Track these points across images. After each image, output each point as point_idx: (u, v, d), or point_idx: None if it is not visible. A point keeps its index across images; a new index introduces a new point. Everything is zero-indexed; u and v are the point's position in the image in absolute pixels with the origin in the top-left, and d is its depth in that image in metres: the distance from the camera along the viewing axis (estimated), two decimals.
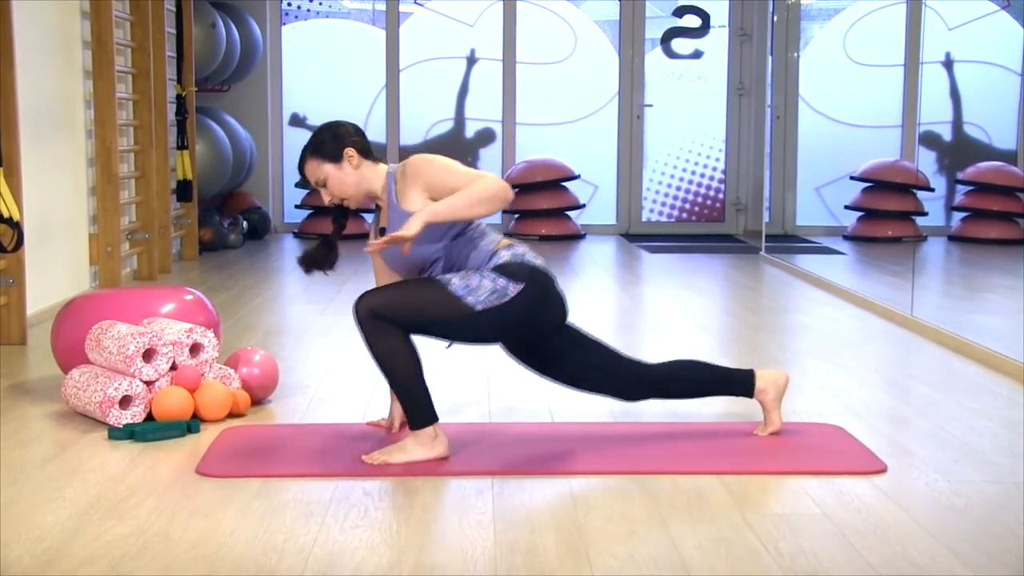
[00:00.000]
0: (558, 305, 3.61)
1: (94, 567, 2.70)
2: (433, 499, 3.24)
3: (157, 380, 3.96)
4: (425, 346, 3.54)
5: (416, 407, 3.51)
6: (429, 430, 3.52)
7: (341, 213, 3.71)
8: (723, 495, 3.24)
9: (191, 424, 3.85)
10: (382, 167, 3.65)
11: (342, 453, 3.62)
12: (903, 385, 4.74)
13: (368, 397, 4.34)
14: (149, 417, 3.91)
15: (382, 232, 3.62)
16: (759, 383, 3.77)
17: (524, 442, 3.77)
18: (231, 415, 4.03)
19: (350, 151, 3.60)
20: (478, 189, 3.40)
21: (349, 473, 3.40)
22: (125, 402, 3.88)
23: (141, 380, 3.92)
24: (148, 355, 3.95)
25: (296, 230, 10.16)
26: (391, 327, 3.42)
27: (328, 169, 3.60)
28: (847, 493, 3.25)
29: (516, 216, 10.17)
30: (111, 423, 3.83)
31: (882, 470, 3.45)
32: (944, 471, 3.46)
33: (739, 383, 3.79)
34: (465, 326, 3.49)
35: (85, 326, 4.21)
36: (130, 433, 3.76)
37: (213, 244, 9.01)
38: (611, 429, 3.94)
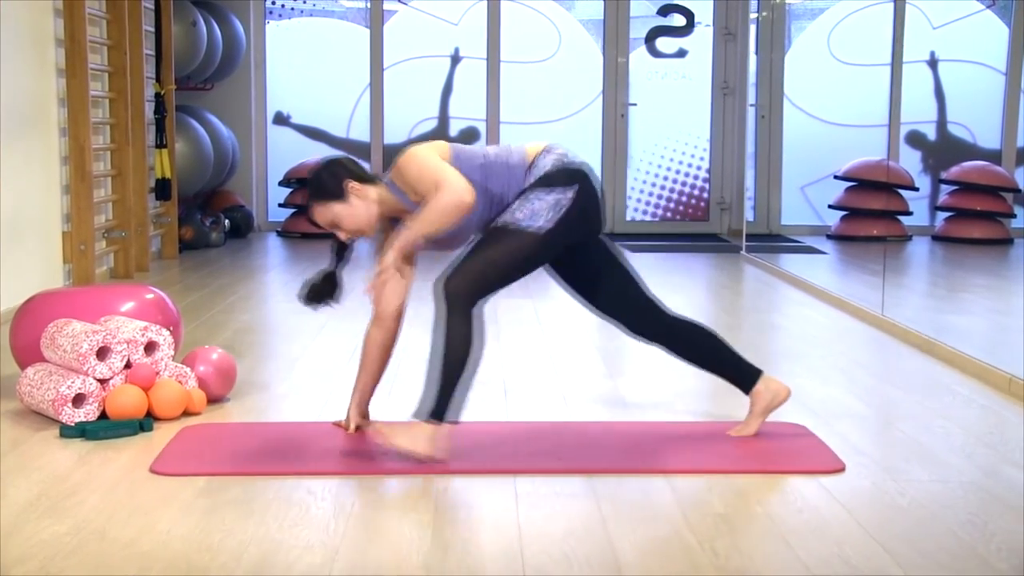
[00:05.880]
0: (599, 200, 3.62)
1: (24, 567, 2.68)
2: (377, 498, 3.23)
3: (111, 378, 3.95)
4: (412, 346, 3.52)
5: (442, 398, 3.43)
6: (432, 428, 3.42)
7: (341, 245, 3.68)
8: (668, 495, 3.23)
9: (144, 422, 3.84)
10: (380, 184, 3.61)
11: (292, 451, 3.61)
12: (864, 384, 4.72)
13: (327, 396, 4.32)
14: (103, 415, 3.90)
15: None
16: (760, 384, 3.75)
17: (475, 440, 3.73)
18: (186, 413, 4.02)
19: (352, 184, 3.56)
20: (439, 207, 3.40)
21: (295, 472, 3.39)
22: (78, 400, 3.87)
23: (95, 378, 3.91)
24: (102, 353, 3.94)
25: (279, 228, 10.15)
26: (474, 309, 3.43)
27: (336, 209, 3.57)
28: (791, 492, 3.24)
29: None
30: (64, 421, 3.82)
31: (840, 469, 3.44)
32: (892, 470, 3.45)
33: (744, 375, 3.76)
34: (542, 252, 3.52)
35: (43, 324, 4.19)
36: (81, 431, 3.75)
37: (194, 243, 9.01)
38: (563, 428, 3.94)
